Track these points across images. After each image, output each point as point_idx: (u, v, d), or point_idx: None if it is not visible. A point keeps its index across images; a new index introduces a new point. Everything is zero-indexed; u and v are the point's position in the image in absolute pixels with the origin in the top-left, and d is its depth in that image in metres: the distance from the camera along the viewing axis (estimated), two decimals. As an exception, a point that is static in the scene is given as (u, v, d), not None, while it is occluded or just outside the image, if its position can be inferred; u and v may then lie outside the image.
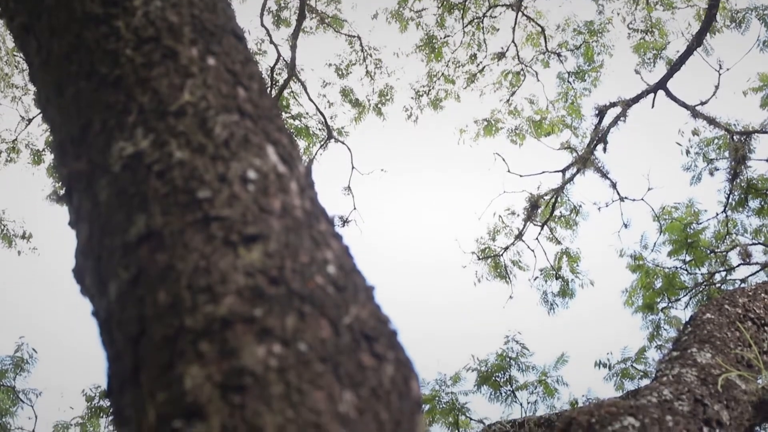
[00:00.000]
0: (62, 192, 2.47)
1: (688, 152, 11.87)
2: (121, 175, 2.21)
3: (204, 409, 1.80)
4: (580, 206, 12.16)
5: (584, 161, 11.45)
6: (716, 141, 11.64)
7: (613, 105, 11.29)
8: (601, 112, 11.22)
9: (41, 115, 2.63)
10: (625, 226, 12.27)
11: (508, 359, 11.10)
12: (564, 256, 12.42)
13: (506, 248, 12.33)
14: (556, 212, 12.11)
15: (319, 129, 10.96)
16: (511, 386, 10.86)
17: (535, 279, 12.38)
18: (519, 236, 12.28)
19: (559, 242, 12.27)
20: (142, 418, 1.91)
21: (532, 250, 14.68)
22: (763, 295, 4.67)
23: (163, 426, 1.86)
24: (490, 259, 12.32)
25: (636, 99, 11.12)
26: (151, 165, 2.18)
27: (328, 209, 2.36)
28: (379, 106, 11.46)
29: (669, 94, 10.90)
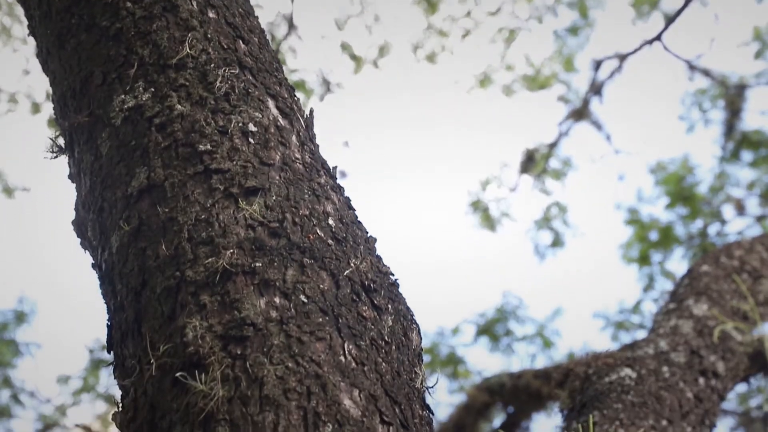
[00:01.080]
0: (62, 144, 2.47)
1: (683, 101, 11.85)
2: (122, 128, 2.21)
3: (205, 360, 1.82)
4: (570, 159, 12.14)
5: (580, 113, 11.45)
6: (711, 91, 11.63)
7: (609, 58, 11.28)
8: (598, 65, 11.20)
9: (41, 67, 2.62)
10: (620, 179, 12.28)
11: (505, 313, 11.14)
12: (555, 207, 12.42)
13: (499, 200, 12.34)
14: (550, 165, 12.10)
15: (319, 84, 10.93)
16: (510, 338, 10.91)
17: (528, 231, 12.39)
18: (513, 189, 12.29)
19: (548, 194, 12.28)
20: (144, 368, 1.92)
21: (525, 203, 14.73)
22: (759, 247, 4.69)
23: (165, 377, 1.88)
24: (481, 212, 12.33)
25: (632, 51, 11.10)
26: (152, 118, 2.19)
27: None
28: (376, 61, 11.42)
29: (665, 47, 10.89)
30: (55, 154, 2.50)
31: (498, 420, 7.75)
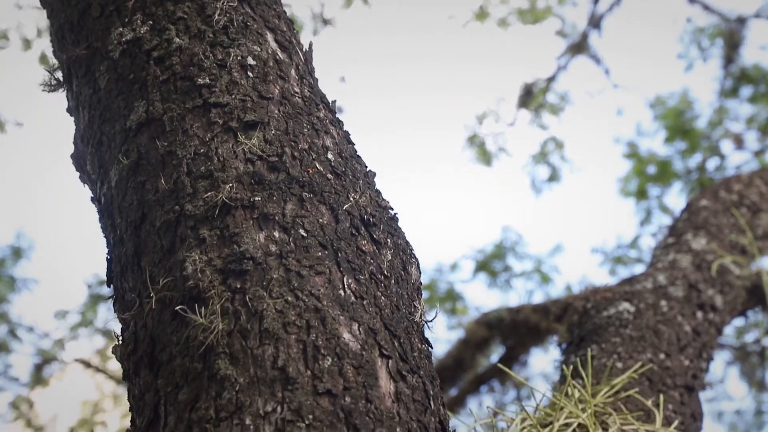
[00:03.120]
0: (60, 78, 2.46)
1: (681, 39, 11.76)
2: (121, 61, 2.20)
3: (205, 293, 1.83)
4: (567, 93, 12.06)
5: (578, 47, 11.37)
6: (709, 29, 11.54)
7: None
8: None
9: (39, 0, 2.60)
10: (618, 113, 12.21)
11: (504, 248, 11.11)
12: (552, 142, 12.35)
13: (496, 135, 12.28)
14: (548, 100, 12.03)
15: (310, 19, 10.83)
16: (508, 274, 10.89)
17: (525, 166, 12.35)
18: (511, 123, 12.24)
19: (545, 129, 12.21)
20: (144, 302, 1.93)
21: (523, 138, 14.74)
22: (758, 181, 4.67)
23: (165, 310, 1.88)
24: (477, 146, 12.28)
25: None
26: (150, 51, 2.17)
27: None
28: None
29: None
30: (52, 88, 2.49)
31: (496, 354, 7.79)
